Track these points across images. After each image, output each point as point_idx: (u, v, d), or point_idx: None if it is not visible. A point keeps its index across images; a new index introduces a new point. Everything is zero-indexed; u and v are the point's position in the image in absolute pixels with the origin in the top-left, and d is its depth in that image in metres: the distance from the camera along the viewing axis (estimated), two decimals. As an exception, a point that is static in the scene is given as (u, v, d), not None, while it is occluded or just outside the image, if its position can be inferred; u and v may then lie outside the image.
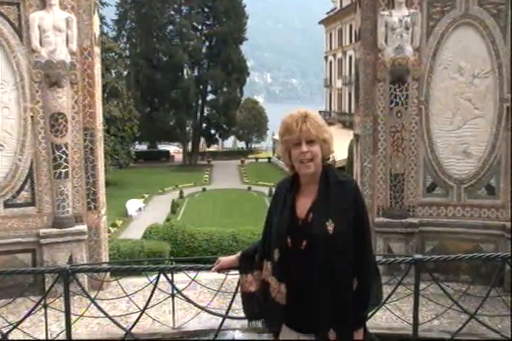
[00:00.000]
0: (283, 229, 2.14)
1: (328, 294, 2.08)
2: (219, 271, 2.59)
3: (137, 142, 44.88)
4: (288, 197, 2.20)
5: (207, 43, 46.03)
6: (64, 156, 6.17)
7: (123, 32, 44.15)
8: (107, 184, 7.96)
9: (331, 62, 49.28)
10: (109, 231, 15.93)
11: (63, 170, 6.18)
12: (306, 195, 2.18)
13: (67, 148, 6.20)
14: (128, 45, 43.80)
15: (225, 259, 2.57)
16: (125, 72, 38.15)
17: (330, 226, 2.06)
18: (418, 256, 3.54)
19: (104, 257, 6.69)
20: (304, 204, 2.16)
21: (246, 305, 2.44)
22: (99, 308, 3.82)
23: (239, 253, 2.54)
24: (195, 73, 46.24)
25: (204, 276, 6.46)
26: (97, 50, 6.43)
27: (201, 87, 45.41)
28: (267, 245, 2.27)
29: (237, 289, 3.51)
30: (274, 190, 2.45)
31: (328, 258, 2.06)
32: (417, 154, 6.68)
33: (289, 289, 2.14)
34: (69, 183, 6.25)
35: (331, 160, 2.26)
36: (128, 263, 7.53)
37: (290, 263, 2.13)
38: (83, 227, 6.34)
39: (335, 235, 2.06)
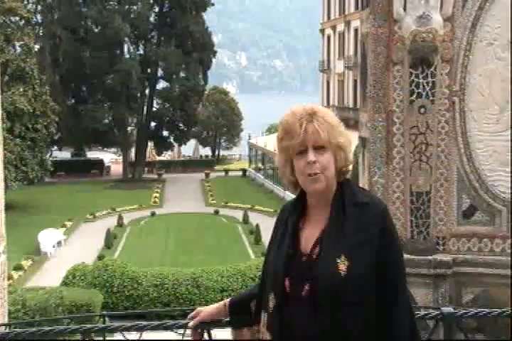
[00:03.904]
0: (280, 268, 2.18)
1: None
2: (197, 326, 2.53)
3: (56, 147, 44.59)
4: (289, 225, 2.23)
5: (156, 9, 46.21)
6: None
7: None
8: (8, 207, 7.83)
9: (329, 37, 49.97)
10: (9, 278, 15.60)
11: None
12: (315, 222, 2.22)
13: None
14: (40, 7, 43.39)
15: (207, 309, 2.54)
16: (36, 47, 37.80)
17: (342, 265, 2.08)
18: (448, 309, 3.48)
19: (1, 316, 6.51)
20: (310, 235, 2.20)
21: None
22: None
23: (226, 301, 2.54)
24: (140, 51, 46.29)
25: (154, 338, 6.30)
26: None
27: (149, 70, 45.47)
28: (264, 290, 2.30)
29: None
30: (277, 216, 2.43)
31: (338, 310, 2.07)
32: (448, 165, 6.68)
33: None
34: None
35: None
36: (38, 323, 7.32)
37: (287, 315, 2.15)
38: (-31, 272, 6.16)
39: (348, 278, 2.08)
